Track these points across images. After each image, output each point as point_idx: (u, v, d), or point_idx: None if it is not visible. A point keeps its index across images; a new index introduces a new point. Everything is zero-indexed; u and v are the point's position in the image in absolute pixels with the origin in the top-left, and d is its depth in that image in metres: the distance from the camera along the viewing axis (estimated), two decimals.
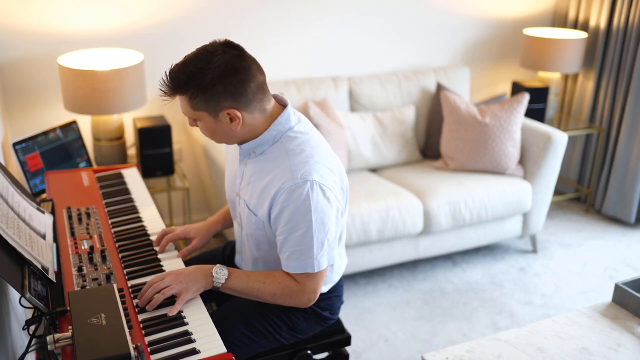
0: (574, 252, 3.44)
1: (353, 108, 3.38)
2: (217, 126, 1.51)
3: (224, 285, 1.55)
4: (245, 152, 1.60)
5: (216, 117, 1.49)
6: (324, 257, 1.54)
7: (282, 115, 1.56)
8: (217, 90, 1.44)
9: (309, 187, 1.48)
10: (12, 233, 1.39)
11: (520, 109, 3.18)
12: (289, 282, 1.57)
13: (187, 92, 1.46)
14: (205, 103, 1.46)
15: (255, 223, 1.60)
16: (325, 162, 1.55)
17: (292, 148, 1.54)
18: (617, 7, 3.60)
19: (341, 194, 1.60)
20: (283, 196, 1.49)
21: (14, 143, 2.38)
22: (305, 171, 1.49)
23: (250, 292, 1.57)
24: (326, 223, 1.52)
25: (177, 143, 3.26)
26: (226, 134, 1.54)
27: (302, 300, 1.59)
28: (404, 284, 3.08)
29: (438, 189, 3.02)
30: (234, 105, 1.47)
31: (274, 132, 1.56)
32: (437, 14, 3.65)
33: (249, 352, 1.71)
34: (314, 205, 1.48)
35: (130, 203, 1.94)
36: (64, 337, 1.19)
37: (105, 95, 2.55)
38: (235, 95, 1.46)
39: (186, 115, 1.53)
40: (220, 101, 1.46)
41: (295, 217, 1.49)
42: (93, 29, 2.89)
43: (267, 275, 1.59)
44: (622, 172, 3.68)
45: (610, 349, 1.58)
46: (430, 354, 1.54)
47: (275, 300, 1.59)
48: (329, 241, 1.54)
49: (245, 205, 1.62)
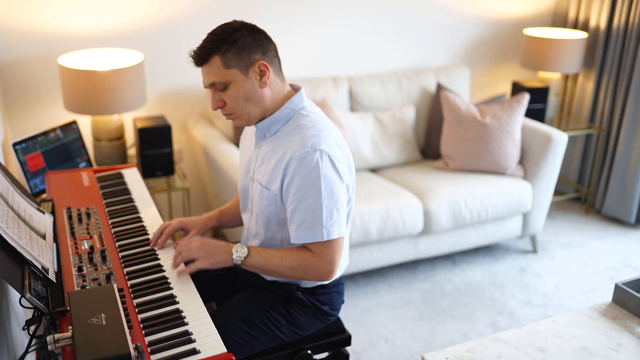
0: (574, 252, 3.44)
1: (353, 108, 3.38)
2: (248, 86, 1.58)
3: (245, 262, 1.61)
4: (261, 132, 1.68)
5: (247, 73, 1.57)
6: (333, 226, 1.58)
7: (296, 95, 1.66)
8: (248, 41, 1.55)
9: (318, 156, 1.55)
10: (12, 233, 1.39)
11: (520, 109, 3.18)
12: (305, 254, 1.61)
13: (219, 49, 1.54)
14: (238, 57, 1.55)
15: (267, 199, 1.65)
16: (334, 139, 1.62)
17: (304, 123, 1.62)
18: (617, 7, 3.60)
19: (348, 172, 1.65)
20: (294, 164, 1.56)
21: (14, 143, 2.38)
22: (315, 142, 1.57)
23: (270, 267, 1.62)
24: (335, 192, 1.57)
25: (177, 143, 3.26)
26: (255, 96, 1.60)
27: (320, 272, 1.61)
28: (404, 284, 3.08)
29: (438, 189, 3.02)
30: (263, 57, 1.58)
31: (287, 110, 1.64)
32: (437, 14, 3.65)
33: (249, 349, 1.71)
34: (323, 174, 1.54)
35: (130, 203, 1.94)
36: (64, 337, 1.19)
37: (105, 95, 2.55)
38: (262, 48, 1.58)
39: (217, 80, 1.57)
40: (251, 53, 1.56)
41: (304, 185, 1.55)
42: (93, 29, 2.89)
43: (284, 250, 1.64)
44: (622, 172, 3.68)
45: (610, 349, 1.58)
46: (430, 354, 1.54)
47: (294, 275, 1.62)
48: (338, 211, 1.58)
49: (258, 183, 1.67)
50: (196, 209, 3.42)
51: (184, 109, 3.23)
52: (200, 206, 3.43)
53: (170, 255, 1.67)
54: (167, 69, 3.10)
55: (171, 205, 3.29)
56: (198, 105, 3.25)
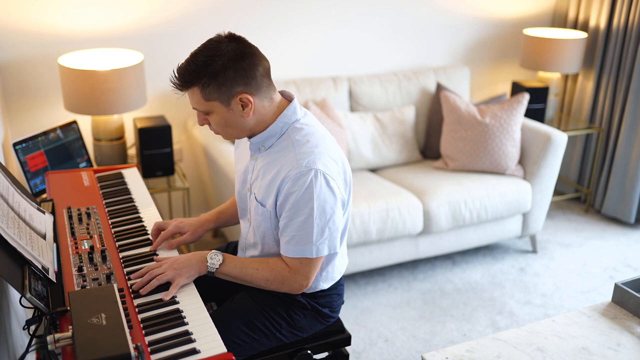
0: (574, 252, 3.44)
1: (353, 108, 3.39)
2: (230, 115, 1.55)
3: (218, 271, 1.59)
4: (255, 146, 1.65)
5: (228, 105, 1.53)
6: (324, 244, 1.58)
7: (288, 108, 1.61)
8: (229, 74, 1.48)
9: (312, 176, 1.52)
10: (12, 233, 1.39)
11: (520, 109, 3.18)
12: (281, 268, 1.60)
13: (199, 82, 1.50)
14: (218, 90, 1.50)
15: (262, 214, 1.64)
16: (329, 153, 1.59)
17: (298, 138, 1.59)
18: (617, 7, 3.60)
19: (344, 185, 1.64)
20: (288, 184, 1.54)
21: (14, 143, 2.38)
22: (310, 160, 1.54)
23: (244, 277, 1.61)
24: (327, 211, 1.55)
25: (177, 143, 3.26)
26: (238, 124, 1.57)
27: (294, 286, 1.61)
28: (404, 284, 3.08)
29: (438, 189, 3.02)
30: (245, 90, 1.52)
31: (280, 124, 1.60)
32: (437, 14, 3.65)
33: (249, 351, 1.71)
34: (317, 193, 1.53)
35: (130, 203, 1.94)
36: (64, 337, 1.19)
37: (105, 95, 2.56)
38: (246, 79, 1.51)
39: (198, 108, 1.56)
40: (232, 86, 1.50)
41: (297, 204, 1.53)
42: (93, 29, 2.89)
43: (260, 262, 1.63)
44: (622, 172, 3.68)
45: (610, 349, 1.58)
46: (430, 354, 1.55)
47: (268, 286, 1.62)
48: (330, 229, 1.57)
49: (254, 198, 1.66)
50: (196, 209, 3.42)
51: (184, 109, 3.23)
52: (200, 206, 3.43)
53: (170, 255, 1.67)
54: (167, 69, 3.07)
55: (171, 205, 3.29)
56: None
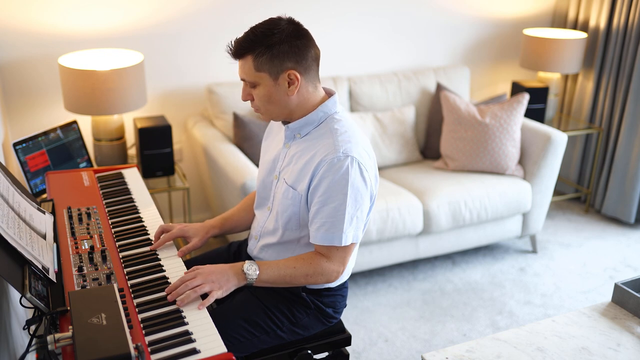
0: (574, 252, 3.44)
1: (353, 108, 3.39)
2: (275, 91, 1.59)
3: (258, 279, 1.59)
4: (291, 133, 1.69)
5: (276, 79, 1.57)
6: (351, 232, 1.61)
7: (329, 99, 1.68)
8: (283, 48, 1.55)
9: (349, 162, 1.56)
10: (12, 233, 1.39)
11: (520, 109, 3.18)
12: (318, 259, 1.63)
13: (253, 51, 1.55)
14: (270, 62, 1.55)
15: (291, 198, 1.65)
16: (364, 146, 1.64)
17: (337, 128, 1.63)
18: (617, 7, 3.60)
19: (375, 180, 1.67)
20: (324, 167, 1.57)
21: (14, 143, 2.38)
22: (348, 148, 1.58)
23: (284, 279, 1.62)
24: (359, 200, 1.59)
25: (177, 143, 3.26)
26: (281, 101, 1.61)
27: (332, 275, 1.64)
28: (404, 284, 3.08)
29: (438, 189, 3.03)
30: (295, 67, 1.58)
31: (320, 114, 1.65)
32: (437, 14, 3.65)
33: (250, 347, 1.71)
34: (351, 181, 1.56)
35: (130, 203, 1.94)
36: (64, 337, 1.19)
37: (105, 96, 2.56)
38: (297, 57, 1.57)
39: (247, 79, 1.60)
40: (284, 60, 1.55)
41: (331, 189, 1.56)
42: (93, 29, 2.89)
43: (295, 260, 1.64)
44: (622, 172, 3.68)
45: (610, 349, 1.58)
46: (430, 354, 1.55)
47: (307, 281, 1.64)
48: (358, 218, 1.61)
49: (284, 182, 1.68)
50: (196, 209, 3.42)
51: (184, 109, 3.23)
52: (200, 206, 3.43)
53: (170, 254, 1.67)
54: (167, 69, 3.10)
55: (171, 205, 3.29)
56: (198, 105, 3.25)
